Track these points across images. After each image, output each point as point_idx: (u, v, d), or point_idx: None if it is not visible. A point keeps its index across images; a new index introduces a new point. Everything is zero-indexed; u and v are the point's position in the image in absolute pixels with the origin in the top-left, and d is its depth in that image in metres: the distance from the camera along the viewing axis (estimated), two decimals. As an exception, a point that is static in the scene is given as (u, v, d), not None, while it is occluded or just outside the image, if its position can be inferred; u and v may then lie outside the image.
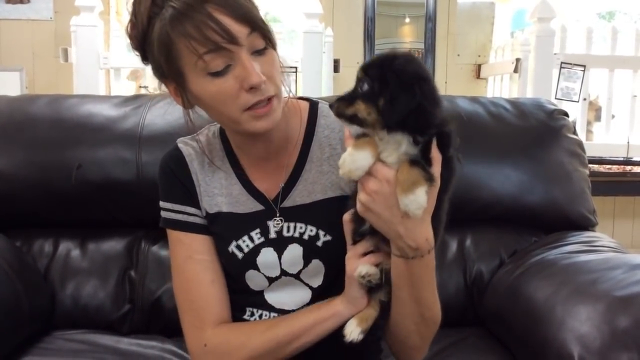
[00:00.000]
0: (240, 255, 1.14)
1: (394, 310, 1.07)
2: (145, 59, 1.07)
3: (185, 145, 1.19)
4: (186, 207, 1.16)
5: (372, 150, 0.92)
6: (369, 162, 0.93)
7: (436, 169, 0.92)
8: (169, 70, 1.02)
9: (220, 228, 1.16)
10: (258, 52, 1.01)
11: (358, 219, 1.02)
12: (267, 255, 1.14)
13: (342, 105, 0.93)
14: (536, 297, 1.36)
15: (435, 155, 0.92)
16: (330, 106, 0.95)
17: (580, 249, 1.50)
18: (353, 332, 1.04)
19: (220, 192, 1.16)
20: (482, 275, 1.64)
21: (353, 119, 0.92)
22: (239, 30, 0.97)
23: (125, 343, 1.54)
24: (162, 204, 1.19)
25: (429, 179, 0.90)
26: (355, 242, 1.05)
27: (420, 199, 0.89)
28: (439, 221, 1.01)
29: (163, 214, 1.19)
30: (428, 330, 1.11)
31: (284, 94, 1.10)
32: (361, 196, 0.95)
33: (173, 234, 1.17)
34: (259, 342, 1.09)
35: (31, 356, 1.44)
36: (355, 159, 0.93)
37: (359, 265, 1.02)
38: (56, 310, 1.59)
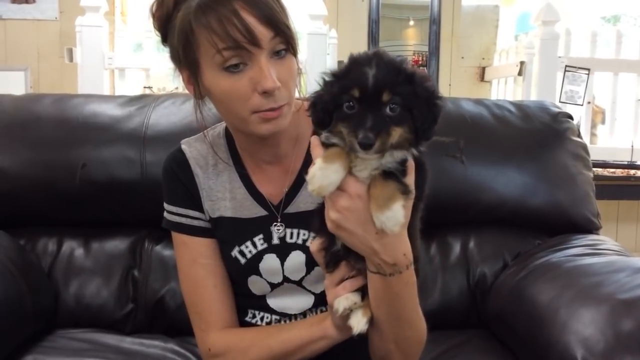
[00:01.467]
0: (242, 260, 1.14)
1: (371, 331, 1.01)
2: (165, 40, 1.07)
3: (189, 147, 1.19)
4: (189, 210, 1.16)
5: (343, 163, 0.84)
6: (341, 176, 0.84)
7: (410, 178, 0.86)
8: (185, 58, 1.02)
9: (223, 233, 1.15)
10: (278, 55, 1.00)
11: (328, 240, 0.95)
12: (269, 262, 1.14)
13: (383, 139, 0.79)
14: (540, 300, 1.35)
15: (410, 163, 0.86)
16: (366, 146, 0.79)
17: (584, 252, 1.49)
18: (359, 323, 0.97)
19: (223, 196, 1.16)
20: (486, 277, 1.64)
21: (388, 148, 0.82)
22: (263, 32, 0.96)
23: (128, 342, 1.54)
24: (166, 206, 1.19)
25: (405, 191, 0.84)
26: (329, 268, 0.99)
27: (397, 215, 0.82)
28: (414, 229, 0.94)
29: (167, 215, 1.19)
30: (411, 349, 1.07)
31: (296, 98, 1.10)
32: (331, 214, 0.88)
33: (177, 237, 1.18)
34: (255, 354, 1.10)
35: (34, 354, 1.44)
36: (326, 173, 0.83)
37: (335, 299, 0.96)
38: (59, 308, 1.59)
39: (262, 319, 1.17)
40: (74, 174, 1.60)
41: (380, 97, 0.80)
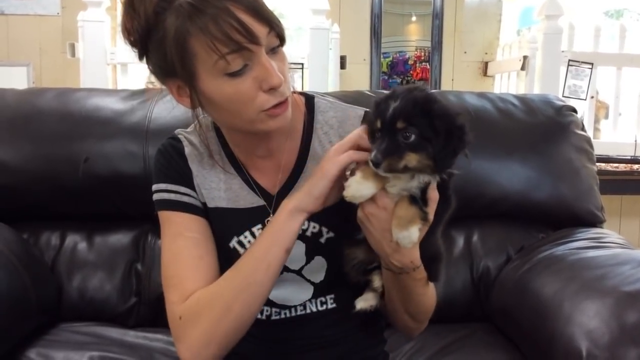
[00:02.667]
0: (242, 250, 1.12)
1: (387, 304, 1.11)
2: (143, 55, 1.02)
3: (184, 137, 1.17)
4: (180, 187, 1.12)
5: (378, 183, 0.94)
6: (372, 192, 0.95)
7: (432, 209, 0.95)
8: (182, 68, 0.96)
9: (221, 224, 1.14)
10: (273, 51, 0.99)
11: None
12: None
13: (393, 161, 0.90)
14: (544, 293, 1.35)
15: (433, 195, 0.95)
16: (375, 164, 0.91)
17: (588, 245, 1.49)
18: (364, 303, 1.10)
19: (218, 187, 1.14)
20: (489, 271, 1.64)
21: (402, 170, 0.91)
22: (260, 29, 0.94)
23: (132, 336, 1.55)
24: (155, 187, 1.14)
25: (424, 218, 0.94)
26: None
27: (413, 236, 0.93)
28: (433, 244, 1.05)
29: (155, 196, 1.13)
30: (422, 317, 1.15)
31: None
32: (359, 212, 0.98)
33: (164, 215, 1.12)
34: (227, 288, 1.02)
35: (38, 348, 1.45)
36: (361, 187, 0.95)
37: (356, 300, 1.10)
38: (63, 302, 1.59)
39: (262, 312, 1.16)
40: (77, 167, 1.60)
41: (395, 126, 0.90)
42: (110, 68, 3.06)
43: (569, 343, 1.16)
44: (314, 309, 1.15)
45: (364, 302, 1.10)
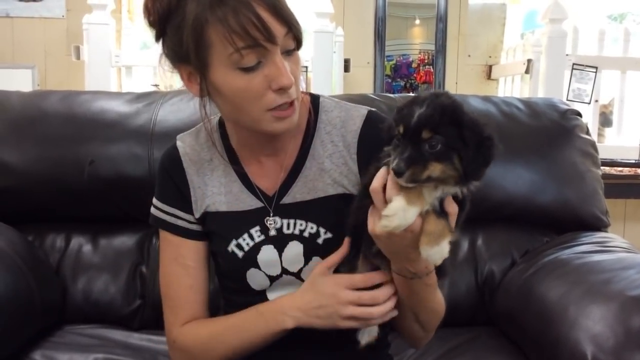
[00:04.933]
0: (240, 254, 1.13)
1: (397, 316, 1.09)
2: (160, 37, 1.03)
3: (183, 143, 1.17)
4: (177, 210, 1.16)
5: (421, 206, 0.88)
6: (415, 218, 0.88)
7: (452, 220, 0.91)
8: (196, 56, 0.97)
9: (220, 227, 1.14)
10: (288, 53, 0.99)
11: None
12: (267, 253, 1.12)
13: (417, 171, 0.85)
14: (549, 297, 1.35)
15: (452, 209, 0.91)
16: (398, 174, 0.85)
17: (593, 249, 1.49)
18: (366, 337, 1.09)
19: (219, 191, 1.14)
20: (494, 274, 1.64)
21: (424, 180, 0.86)
22: (278, 29, 0.95)
23: (136, 338, 1.55)
24: (154, 201, 1.19)
25: (451, 230, 0.90)
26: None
27: (444, 251, 0.88)
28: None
29: (153, 211, 1.18)
30: (432, 323, 1.14)
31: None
32: (377, 231, 0.92)
33: (162, 233, 1.18)
34: (216, 352, 1.12)
35: (43, 350, 1.45)
36: (407, 215, 0.87)
37: (360, 333, 1.08)
38: (67, 304, 1.60)
39: None
40: (82, 170, 1.60)
41: (420, 135, 0.85)
42: (114, 71, 3.07)
43: (574, 347, 1.16)
44: None
45: (368, 334, 1.08)
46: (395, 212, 0.87)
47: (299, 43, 1.01)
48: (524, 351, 1.43)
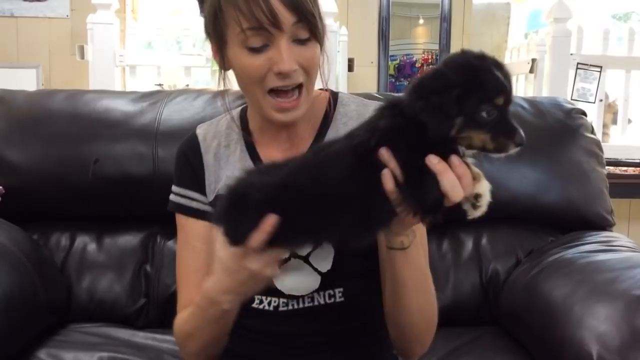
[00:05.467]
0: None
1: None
2: (201, 9, 1.10)
3: (202, 131, 1.22)
4: (191, 192, 1.18)
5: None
6: None
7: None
8: (213, 32, 1.05)
9: None
10: (300, 42, 1.02)
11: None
12: None
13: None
14: (554, 296, 1.35)
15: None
16: (521, 145, 0.85)
17: (598, 248, 1.49)
18: None
19: (233, 175, 1.16)
20: (498, 274, 1.64)
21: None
22: (286, 16, 0.98)
23: (141, 337, 1.55)
24: (173, 188, 1.22)
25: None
26: None
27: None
28: None
29: (171, 197, 1.21)
30: (415, 328, 1.11)
31: (319, 87, 1.14)
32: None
33: (178, 218, 1.21)
34: (189, 340, 1.13)
35: (48, 348, 1.45)
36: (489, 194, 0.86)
37: None
38: (72, 303, 1.60)
39: (269, 303, 1.16)
40: (87, 169, 1.61)
41: (510, 103, 0.84)
42: (119, 70, 3.08)
43: (580, 347, 1.16)
44: (322, 302, 1.14)
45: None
46: (485, 194, 0.85)
47: (315, 35, 1.04)
48: (528, 351, 1.43)
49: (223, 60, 1.08)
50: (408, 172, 0.83)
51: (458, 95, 0.81)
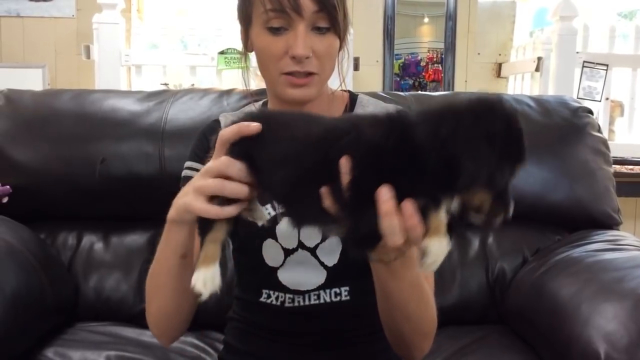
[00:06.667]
0: (260, 222, 1.13)
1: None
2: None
3: (225, 118, 1.24)
4: (200, 165, 1.17)
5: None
6: None
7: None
8: (241, 13, 1.11)
9: None
10: (319, 30, 1.06)
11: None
12: (286, 224, 1.13)
13: None
14: (561, 295, 1.34)
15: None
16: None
17: (605, 247, 1.48)
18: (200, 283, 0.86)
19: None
20: (505, 273, 1.64)
21: None
22: (308, 4, 1.02)
23: (148, 335, 1.54)
24: (186, 163, 1.21)
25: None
26: None
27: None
28: None
29: (183, 172, 1.20)
30: (421, 339, 1.07)
31: (335, 85, 1.17)
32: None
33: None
34: (153, 296, 1.16)
35: (55, 347, 1.46)
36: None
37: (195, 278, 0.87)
38: (80, 302, 1.61)
39: (277, 298, 1.16)
40: (94, 168, 1.62)
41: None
42: (124, 70, 3.09)
43: (587, 345, 1.15)
44: (328, 299, 1.14)
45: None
46: (436, 256, 0.75)
47: (335, 28, 1.07)
48: (535, 350, 1.43)
49: (247, 41, 1.13)
50: (356, 194, 0.74)
51: (501, 149, 0.72)
